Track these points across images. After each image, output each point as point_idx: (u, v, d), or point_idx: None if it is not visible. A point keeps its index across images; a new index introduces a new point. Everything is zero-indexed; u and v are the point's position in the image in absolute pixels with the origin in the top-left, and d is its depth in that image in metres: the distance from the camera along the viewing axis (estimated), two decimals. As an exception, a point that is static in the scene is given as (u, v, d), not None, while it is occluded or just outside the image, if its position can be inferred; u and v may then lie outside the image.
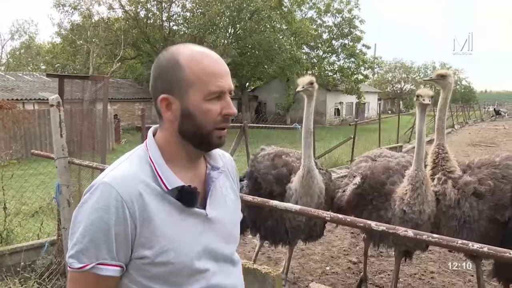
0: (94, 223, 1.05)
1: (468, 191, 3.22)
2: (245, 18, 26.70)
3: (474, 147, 17.24)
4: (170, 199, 1.14)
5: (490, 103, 58.12)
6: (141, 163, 1.16)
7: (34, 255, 4.28)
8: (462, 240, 1.91)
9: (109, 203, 1.06)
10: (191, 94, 1.12)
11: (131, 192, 1.08)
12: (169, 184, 1.13)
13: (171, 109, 1.15)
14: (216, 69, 1.14)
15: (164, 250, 1.10)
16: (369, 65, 33.98)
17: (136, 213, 1.08)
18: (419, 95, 3.27)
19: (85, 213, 1.07)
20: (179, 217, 1.14)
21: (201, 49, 1.17)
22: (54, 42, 34.02)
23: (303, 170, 3.44)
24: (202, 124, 1.14)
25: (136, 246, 1.09)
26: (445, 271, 4.96)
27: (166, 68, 1.14)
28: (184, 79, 1.12)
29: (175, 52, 1.16)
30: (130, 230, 1.08)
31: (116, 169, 1.15)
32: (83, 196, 1.11)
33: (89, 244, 1.05)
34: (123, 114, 24.68)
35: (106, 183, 1.08)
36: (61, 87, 4.17)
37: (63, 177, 3.89)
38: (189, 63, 1.12)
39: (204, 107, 1.13)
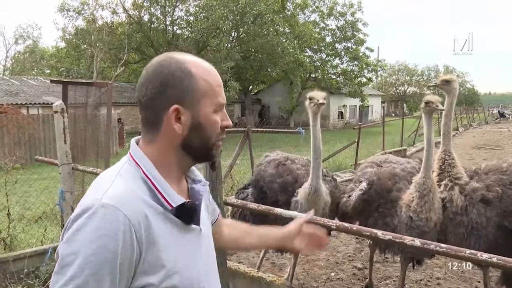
0: (96, 253, 0.89)
1: (476, 198, 3.18)
2: (248, 22, 26.73)
3: (478, 150, 17.14)
4: (171, 218, 1.05)
5: (494, 105, 57.92)
6: (135, 180, 1.04)
7: (38, 261, 4.27)
8: (471, 250, 1.87)
9: (116, 229, 0.91)
10: (202, 105, 1.08)
11: (138, 214, 0.96)
12: (173, 201, 1.04)
13: (180, 121, 1.06)
14: (220, 82, 1.14)
15: (169, 275, 1.00)
16: (373, 68, 33.95)
17: (143, 237, 0.96)
18: (429, 102, 3.22)
19: (83, 241, 0.90)
20: (179, 235, 1.06)
21: (200, 59, 1.14)
22: (58, 46, 34.19)
23: (310, 189, 3.39)
24: (209, 137, 1.11)
25: (138, 273, 0.96)
26: (451, 277, 4.90)
27: (178, 77, 1.05)
28: (197, 90, 1.07)
29: (182, 61, 1.07)
30: (136, 256, 0.95)
31: (112, 188, 0.99)
32: (71, 224, 0.94)
33: (90, 279, 0.89)
34: (127, 118, 24.74)
35: (107, 204, 0.93)
36: (65, 93, 4.17)
37: (67, 184, 3.90)
38: (201, 74, 1.08)
39: (213, 119, 1.10)
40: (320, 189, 3.37)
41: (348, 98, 34.55)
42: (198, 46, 27.15)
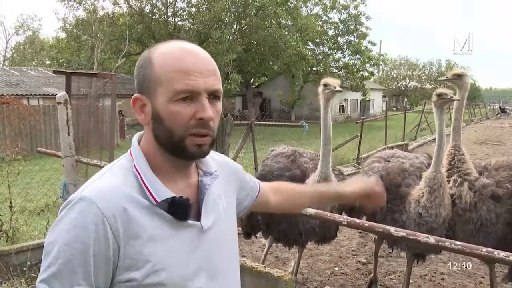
0: (69, 243, 0.91)
1: (486, 194, 3.14)
2: (250, 14, 26.55)
3: (480, 145, 17.10)
4: (160, 213, 1.00)
5: (495, 100, 57.79)
6: (125, 174, 1.02)
7: (41, 254, 4.20)
8: (487, 249, 1.83)
9: (88, 220, 0.92)
10: (159, 94, 0.99)
11: (114, 207, 0.95)
12: (157, 196, 1.00)
13: (144, 111, 1.04)
14: (191, 66, 0.99)
15: (154, 271, 0.96)
16: (375, 62, 33.77)
17: (120, 231, 0.94)
18: (442, 94, 3.16)
19: (60, 231, 0.92)
20: (170, 232, 1.01)
21: (183, 45, 1.04)
22: (58, 37, 34.03)
23: (319, 177, 3.33)
24: (171, 129, 1.00)
25: (120, 268, 0.95)
26: (455, 272, 4.89)
27: (140, 65, 1.04)
28: (153, 78, 1.00)
29: (153, 49, 1.04)
30: (112, 251, 0.94)
31: (97, 181, 1.01)
32: (60, 212, 0.97)
33: (63, 267, 0.90)
34: (128, 109, 24.59)
35: (85, 197, 0.94)
36: (68, 84, 4.12)
37: (70, 176, 3.86)
38: (161, 59, 1.00)
39: (171, 109, 0.98)
40: (330, 176, 3.30)
41: (349, 92, 34.40)
42: (200, 38, 27.00)
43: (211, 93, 1.02)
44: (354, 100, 37.34)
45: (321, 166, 3.32)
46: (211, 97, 1.02)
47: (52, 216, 5.31)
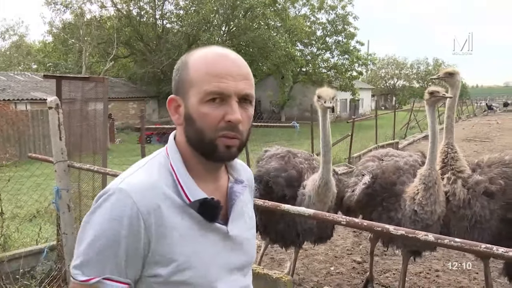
0: (104, 234, 0.94)
1: (479, 191, 3.17)
2: (239, 15, 26.57)
3: (469, 142, 17.30)
4: (191, 213, 1.03)
5: (481, 98, 58.59)
6: (161, 171, 1.05)
7: (34, 261, 4.18)
8: (486, 245, 1.84)
9: (123, 213, 0.95)
10: (191, 95, 1.02)
11: (149, 203, 0.97)
12: (191, 196, 1.02)
13: (178, 112, 1.07)
14: (222, 69, 1.01)
15: (180, 269, 0.99)
16: (363, 61, 34.00)
17: (152, 228, 0.97)
18: (435, 92, 3.19)
19: (96, 221, 0.96)
20: (199, 232, 1.03)
21: (219, 50, 1.07)
22: (45, 40, 33.62)
23: (320, 182, 3.32)
24: (202, 130, 1.02)
25: (149, 263, 0.98)
26: (450, 269, 4.93)
27: (177, 68, 1.08)
28: (187, 80, 1.04)
29: (191, 53, 1.08)
30: (143, 245, 0.97)
31: (134, 175, 1.03)
32: (96, 201, 1.00)
33: (96, 257, 0.95)
34: (117, 113, 24.46)
35: (123, 189, 0.97)
36: (59, 88, 4.06)
37: (63, 181, 3.79)
38: (195, 62, 1.04)
39: (201, 111, 1.01)
40: (330, 181, 3.31)
41: (339, 92, 34.58)
42: (189, 40, 26.92)
43: (242, 97, 1.03)
44: (343, 99, 37.54)
45: (323, 173, 3.29)
46: (242, 101, 1.03)
47: (44, 223, 5.25)
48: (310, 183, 3.38)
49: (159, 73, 26.78)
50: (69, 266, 3.72)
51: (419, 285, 4.53)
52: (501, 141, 17.37)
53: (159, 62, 26.38)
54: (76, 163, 3.79)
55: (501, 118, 31.15)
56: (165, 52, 26.50)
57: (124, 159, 8.75)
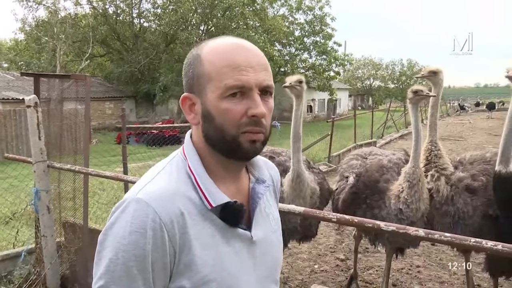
0: (127, 249, 0.86)
1: (462, 187, 3.23)
2: (217, 15, 26.41)
3: (443, 141, 17.69)
4: (212, 218, 0.96)
5: (454, 98, 60.19)
6: (180, 175, 0.97)
7: (11, 265, 4.04)
8: (475, 239, 1.88)
9: (145, 226, 0.87)
10: (208, 91, 0.94)
11: (171, 211, 0.90)
12: (213, 200, 0.95)
13: (194, 110, 0.99)
14: (242, 60, 0.93)
15: (204, 281, 0.92)
16: (340, 62, 34.38)
17: (176, 237, 0.90)
18: (418, 91, 3.24)
19: (116, 236, 0.88)
20: (222, 240, 0.96)
21: (233, 39, 0.99)
22: (17, 38, 32.60)
23: (293, 174, 3.34)
24: (223, 127, 0.94)
25: (175, 274, 0.91)
26: (430, 264, 5.04)
27: (189, 64, 0.99)
28: (203, 74, 0.95)
29: (201, 45, 1.00)
30: (169, 257, 0.89)
31: (153, 182, 0.95)
32: (111, 215, 0.92)
33: (122, 274, 0.87)
34: (93, 113, 23.87)
35: (141, 200, 0.89)
36: (37, 87, 3.94)
37: (42, 182, 3.69)
38: (210, 55, 0.95)
39: (222, 106, 0.93)
40: (303, 174, 3.31)
41: (316, 92, 34.86)
42: (167, 39, 26.63)
43: (263, 88, 0.96)
44: (321, 100, 37.88)
45: (293, 163, 3.34)
46: (263, 93, 0.96)
47: (21, 226, 5.08)
48: (286, 180, 3.38)
49: (136, 73, 26.37)
50: (49, 270, 3.60)
51: (401, 281, 4.60)
52: (474, 140, 17.92)
53: (136, 61, 25.99)
54: (56, 163, 3.69)
55: (473, 118, 32.09)
56: (143, 51, 26.13)
57: (104, 159, 8.57)
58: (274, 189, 1.22)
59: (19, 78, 21.77)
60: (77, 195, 4.21)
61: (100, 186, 7.66)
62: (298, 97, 3.43)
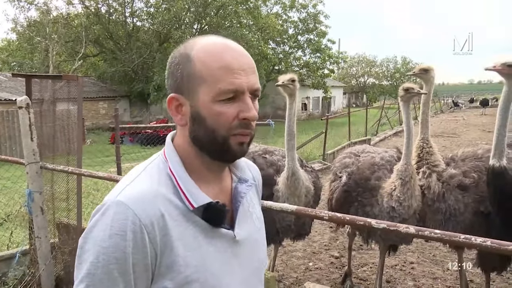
0: (107, 252, 0.86)
1: (453, 184, 3.26)
2: (211, 13, 26.37)
3: (437, 138, 17.82)
4: (195, 220, 0.96)
5: (448, 95, 60.54)
6: (160, 176, 0.97)
7: (5, 267, 4.03)
8: (465, 235, 1.90)
9: (125, 228, 0.87)
10: (200, 93, 0.93)
11: (152, 213, 0.90)
12: (194, 201, 0.95)
13: (181, 111, 0.98)
14: (234, 63, 0.93)
15: (187, 282, 0.92)
16: (334, 60, 34.46)
17: (157, 238, 0.90)
18: (409, 88, 3.27)
19: (96, 239, 0.88)
20: (205, 240, 0.96)
21: (221, 40, 0.98)
22: (9, 39, 32.36)
23: (288, 173, 3.37)
24: (214, 130, 0.94)
25: (157, 275, 0.91)
26: (424, 260, 5.08)
27: (177, 63, 0.97)
28: (194, 75, 0.93)
29: (190, 45, 0.98)
30: (150, 259, 0.89)
31: (133, 184, 0.95)
32: (91, 219, 0.91)
33: (103, 277, 0.86)
34: (87, 113, 23.82)
35: (121, 202, 0.89)
36: (29, 88, 3.92)
37: (35, 183, 3.67)
38: (201, 56, 0.94)
39: (215, 109, 0.93)
40: (298, 171, 3.33)
41: (311, 90, 34.92)
42: (160, 38, 26.53)
43: (253, 92, 0.97)
44: (315, 97, 37.94)
45: (287, 162, 3.36)
46: (251, 96, 0.97)
47: (15, 227, 5.06)
48: (281, 178, 3.40)
49: (130, 72, 26.27)
50: (43, 271, 3.58)
51: (395, 277, 4.64)
52: (468, 136, 18.03)
53: (129, 60, 25.88)
54: (49, 164, 3.67)
55: (467, 114, 32.32)
56: (136, 50, 26.02)
57: (97, 159, 8.54)
58: (257, 188, 1.23)
59: (11, 78, 21.61)
60: (70, 196, 4.20)
61: (94, 187, 7.65)
62: (291, 96, 3.46)
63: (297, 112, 17.51)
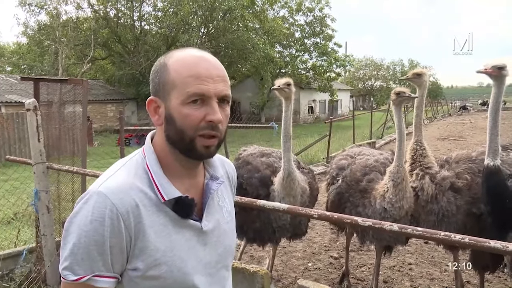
0: (88, 235, 1.01)
1: (445, 186, 3.32)
2: (217, 17, 26.59)
3: (443, 141, 17.79)
4: (166, 210, 1.10)
5: (456, 98, 60.12)
6: (138, 171, 1.11)
7: (12, 263, 4.17)
8: (445, 232, 2.00)
9: (104, 215, 1.01)
10: (172, 97, 1.07)
11: (127, 203, 1.04)
12: (165, 194, 1.09)
13: (158, 112, 1.12)
14: (203, 71, 1.07)
15: (156, 264, 1.06)
16: (341, 63, 34.50)
17: (132, 225, 1.04)
18: (401, 92, 3.36)
19: (79, 224, 1.02)
20: (174, 229, 1.10)
21: (197, 52, 1.12)
22: (19, 42, 32.86)
23: (283, 173, 3.48)
24: (183, 130, 1.07)
25: (131, 256, 1.06)
26: (422, 262, 5.13)
27: (156, 71, 1.12)
28: (168, 81, 1.08)
29: (169, 55, 1.13)
30: (126, 242, 1.04)
31: (112, 177, 1.09)
32: (76, 205, 1.06)
33: (84, 256, 1.01)
34: (95, 116, 24.16)
35: (101, 193, 1.03)
36: (37, 91, 4.07)
37: (42, 183, 3.81)
38: (175, 64, 1.08)
39: (183, 111, 1.06)
40: (293, 172, 3.44)
41: (317, 93, 35.01)
42: (167, 42, 26.79)
43: (221, 97, 1.10)
44: (322, 100, 37.99)
45: (284, 163, 3.47)
46: (221, 101, 1.10)
47: (22, 226, 5.22)
48: (277, 179, 3.50)
49: (137, 75, 26.55)
50: (48, 267, 3.73)
51: (392, 278, 4.70)
52: (474, 140, 17.94)
53: (137, 64, 26.17)
54: (55, 165, 3.82)
55: (474, 117, 32.09)
56: (144, 53, 26.32)
57: (104, 161, 8.72)
58: (230, 184, 1.37)
59: (21, 81, 21.96)
60: (76, 196, 4.35)
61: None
62: (287, 99, 3.57)
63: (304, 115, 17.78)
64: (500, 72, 3.02)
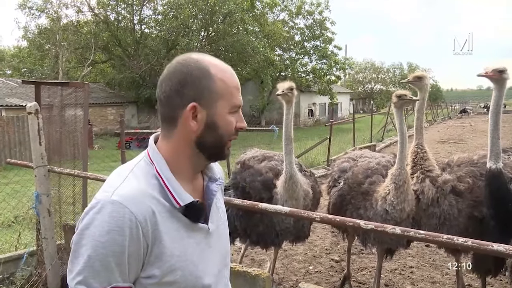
0: (106, 246, 0.98)
1: (447, 189, 3.31)
2: (217, 20, 26.66)
3: (443, 144, 17.80)
4: (178, 216, 1.11)
5: (456, 101, 60.16)
6: (147, 178, 1.11)
7: (13, 267, 4.17)
8: (448, 235, 1.99)
9: (123, 224, 0.99)
10: (219, 106, 1.12)
11: (144, 211, 1.03)
12: (181, 200, 1.10)
13: (196, 119, 1.12)
14: (238, 84, 1.18)
15: (171, 270, 1.07)
16: (341, 66, 34.55)
17: (149, 232, 1.04)
18: (402, 95, 3.36)
19: (93, 235, 0.99)
20: (186, 234, 1.12)
21: (219, 61, 1.18)
22: (20, 45, 32.90)
23: (285, 176, 3.48)
24: (222, 136, 1.15)
25: (146, 263, 1.05)
26: (423, 265, 5.12)
27: (196, 76, 1.10)
28: (214, 90, 1.11)
29: (202, 61, 1.13)
30: (143, 250, 1.04)
31: (123, 185, 1.07)
32: (84, 217, 1.03)
33: (100, 268, 0.98)
34: (95, 119, 24.15)
35: (116, 201, 1.01)
36: (38, 94, 4.08)
37: (43, 186, 3.81)
38: (220, 75, 1.12)
39: (228, 119, 1.14)
40: (295, 175, 3.44)
41: (317, 96, 35.03)
42: (168, 45, 26.84)
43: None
44: (322, 103, 38.01)
45: (285, 166, 3.48)
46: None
47: (23, 229, 5.21)
48: (279, 182, 3.50)
49: (138, 78, 26.59)
50: (49, 271, 3.71)
51: (394, 281, 4.70)
52: (474, 143, 17.94)
53: (137, 67, 26.21)
54: (57, 168, 3.82)
55: (474, 120, 32.11)
56: (144, 57, 26.36)
57: (104, 164, 8.71)
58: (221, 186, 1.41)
59: (22, 85, 21.97)
60: (77, 199, 4.35)
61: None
62: (289, 103, 3.57)
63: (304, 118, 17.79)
64: (500, 75, 3.04)
